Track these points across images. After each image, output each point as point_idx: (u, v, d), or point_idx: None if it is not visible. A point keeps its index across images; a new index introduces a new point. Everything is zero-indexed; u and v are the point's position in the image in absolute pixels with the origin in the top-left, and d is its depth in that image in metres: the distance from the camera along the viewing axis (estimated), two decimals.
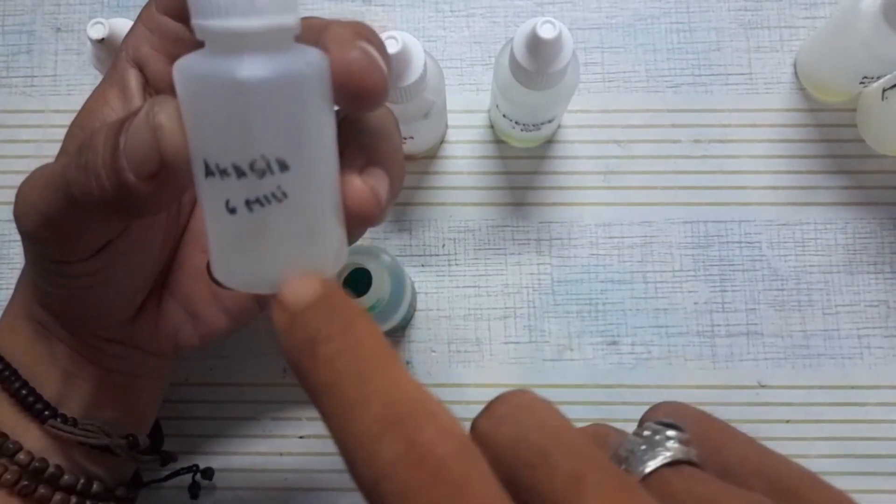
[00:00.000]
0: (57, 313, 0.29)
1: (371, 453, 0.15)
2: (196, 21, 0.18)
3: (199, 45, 0.19)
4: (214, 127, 0.18)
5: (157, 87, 0.26)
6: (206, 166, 0.18)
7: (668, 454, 0.16)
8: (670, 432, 0.17)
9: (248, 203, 0.18)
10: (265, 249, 0.19)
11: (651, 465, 0.16)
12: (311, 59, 0.18)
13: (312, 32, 0.20)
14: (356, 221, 0.21)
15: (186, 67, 0.18)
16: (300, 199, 0.18)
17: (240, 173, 0.18)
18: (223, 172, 0.18)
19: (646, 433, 0.17)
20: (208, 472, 0.39)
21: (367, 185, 0.21)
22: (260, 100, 0.17)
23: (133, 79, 0.25)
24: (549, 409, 0.16)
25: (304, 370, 0.17)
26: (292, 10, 0.18)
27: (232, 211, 0.18)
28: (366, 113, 0.22)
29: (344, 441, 0.15)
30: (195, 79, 0.18)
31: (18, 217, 0.25)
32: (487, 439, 0.16)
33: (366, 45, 0.20)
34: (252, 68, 0.17)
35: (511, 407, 0.16)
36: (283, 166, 0.18)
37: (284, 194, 0.18)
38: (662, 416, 0.18)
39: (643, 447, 0.16)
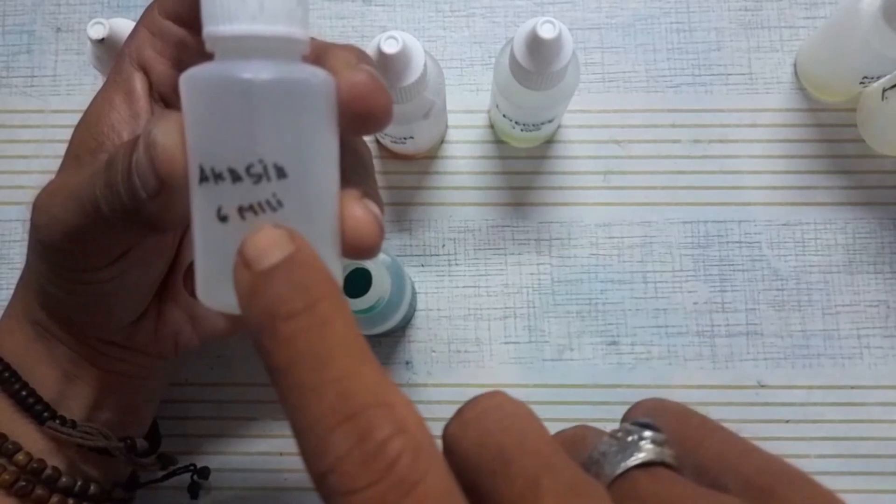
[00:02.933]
0: (63, 319, 0.29)
1: (321, 443, 0.14)
2: (207, 29, 0.18)
3: (203, 52, 0.19)
4: (213, 130, 0.18)
5: (162, 90, 0.26)
6: (202, 171, 0.17)
7: (641, 455, 0.16)
8: (646, 433, 0.16)
9: (240, 210, 0.17)
10: None
11: (622, 468, 0.16)
12: (317, 73, 0.19)
13: (312, 53, 0.20)
14: (356, 251, 0.20)
15: (192, 74, 0.18)
16: (296, 212, 0.18)
17: (235, 177, 0.17)
18: (218, 177, 0.17)
19: (619, 434, 0.16)
20: (204, 472, 0.38)
21: (371, 214, 0.20)
22: (262, 102, 0.17)
23: (138, 82, 0.25)
24: (517, 412, 0.16)
25: (264, 349, 0.16)
26: (302, 24, 0.18)
27: (223, 219, 0.17)
28: (368, 134, 0.22)
29: (296, 426, 0.15)
30: (200, 83, 0.18)
31: (40, 228, 0.25)
32: (453, 444, 0.16)
33: (370, 68, 0.20)
34: (258, 69, 0.17)
35: (479, 410, 0.16)
36: (281, 173, 0.17)
37: (280, 203, 0.17)
38: (641, 415, 0.18)
39: (615, 449, 0.16)
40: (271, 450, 0.40)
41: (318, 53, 0.21)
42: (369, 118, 0.20)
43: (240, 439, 0.40)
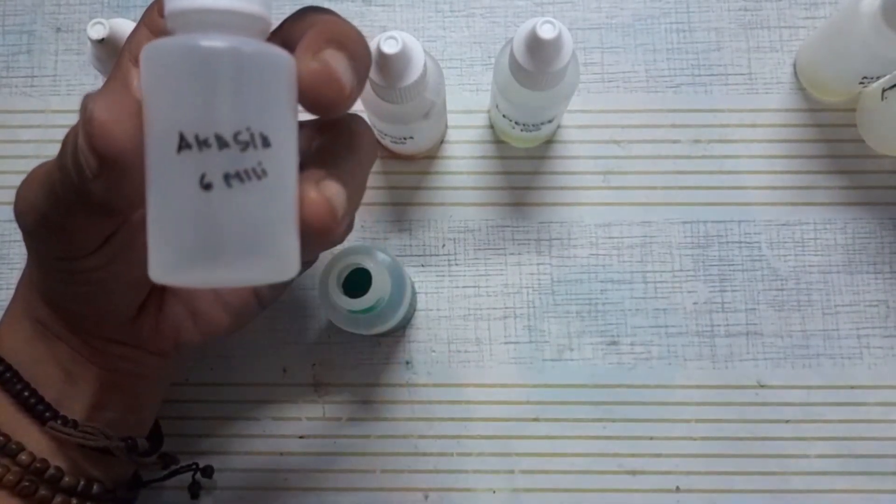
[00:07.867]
0: (62, 313, 0.29)
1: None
2: (178, 5, 0.18)
3: None
4: (197, 97, 0.17)
5: None
6: (182, 138, 0.17)
7: None
8: None
9: (226, 178, 0.17)
10: (234, 233, 0.18)
11: None
12: (284, 52, 0.19)
13: (297, 31, 0.21)
14: (311, 234, 0.20)
15: (160, 45, 0.18)
16: (278, 182, 0.18)
17: (222, 144, 0.17)
18: (203, 143, 0.17)
19: None
20: (208, 471, 0.39)
21: (323, 197, 0.20)
22: (252, 71, 0.18)
23: (136, 78, 0.25)
24: None
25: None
26: (267, 6, 0.19)
27: (207, 187, 0.17)
28: (326, 118, 0.22)
29: None
30: (176, 51, 0.18)
31: (18, 215, 0.25)
32: None
33: (329, 57, 0.20)
34: (242, 41, 0.18)
35: None
36: (266, 142, 0.18)
37: (265, 172, 0.18)
38: None
39: None
40: (272, 450, 0.40)
41: (299, 33, 0.21)
42: (318, 107, 0.20)
43: (240, 439, 0.40)
